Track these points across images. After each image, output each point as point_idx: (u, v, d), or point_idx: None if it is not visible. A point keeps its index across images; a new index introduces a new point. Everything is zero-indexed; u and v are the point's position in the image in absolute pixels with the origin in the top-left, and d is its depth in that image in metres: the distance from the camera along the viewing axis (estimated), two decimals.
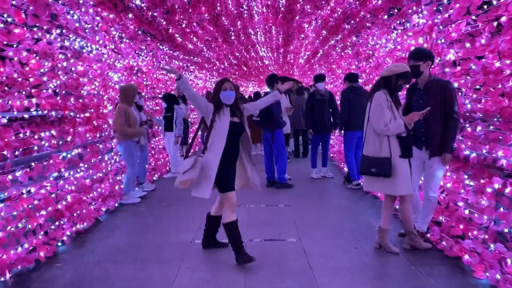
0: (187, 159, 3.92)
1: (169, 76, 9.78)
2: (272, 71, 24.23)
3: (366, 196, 6.46)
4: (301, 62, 15.30)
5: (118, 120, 5.86)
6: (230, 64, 16.17)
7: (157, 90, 8.82)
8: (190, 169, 3.79)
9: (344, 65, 8.84)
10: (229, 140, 3.80)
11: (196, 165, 3.80)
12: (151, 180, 7.87)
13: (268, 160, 7.31)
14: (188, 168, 3.80)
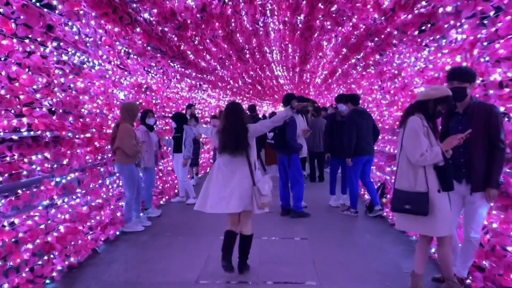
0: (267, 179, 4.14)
1: (180, 94, 9.37)
2: (287, 90, 23.85)
3: (391, 229, 5.84)
4: (318, 82, 14.84)
5: (130, 142, 5.37)
6: (245, 83, 15.80)
7: (167, 109, 8.40)
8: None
9: (365, 85, 8.32)
10: None
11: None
12: (157, 205, 7.37)
13: (283, 186, 6.75)
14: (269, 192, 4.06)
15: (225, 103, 15.89)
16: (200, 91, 11.18)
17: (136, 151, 5.44)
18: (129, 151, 5.38)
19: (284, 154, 6.49)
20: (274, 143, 6.47)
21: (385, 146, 7.35)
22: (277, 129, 6.22)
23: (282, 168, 6.71)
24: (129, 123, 5.43)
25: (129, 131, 5.37)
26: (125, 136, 5.33)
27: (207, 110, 12.59)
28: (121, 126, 5.34)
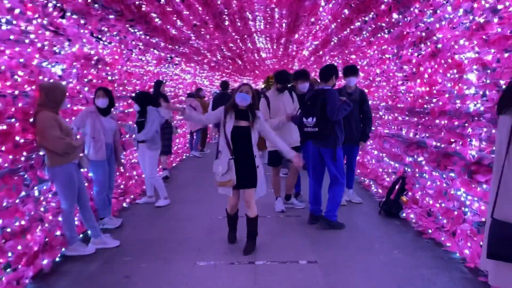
0: (219, 161, 4.21)
1: (146, 69, 7.69)
2: (268, 65, 22.20)
3: (421, 240, 4.50)
4: (305, 54, 13.28)
5: (53, 133, 3.82)
6: (223, 56, 14.11)
7: (129, 88, 6.76)
8: (228, 171, 4.05)
9: (373, 54, 6.83)
10: (236, 144, 4.08)
11: (231, 167, 4.05)
12: (119, 209, 5.83)
13: (315, 185, 5.22)
14: (225, 171, 4.06)
15: (202, 79, 14.19)
16: (171, 66, 9.50)
17: (66, 145, 3.89)
18: (54, 146, 3.83)
19: (328, 145, 4.85)
20: (319, 129, 4.72)
21: (400, 129, 5.95)
22: (315, 110, 4.70)
23: (313, 162, 5.16)
24: (50, 110, 3.85)
25: (50, 120, 3.79)
26: (46, 127, 3.76)
27: (181, 88, 10.92)
28: (39, 116, 3.75)
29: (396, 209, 5.34)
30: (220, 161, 4.14)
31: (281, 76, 5.43)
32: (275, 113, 5.36)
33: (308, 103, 4.81)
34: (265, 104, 5.34)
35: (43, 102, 3.85)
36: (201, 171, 8.83)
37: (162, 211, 5.89)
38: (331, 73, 4.94)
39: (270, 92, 5.48)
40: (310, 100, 4.81)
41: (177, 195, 6.68)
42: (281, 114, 5.35)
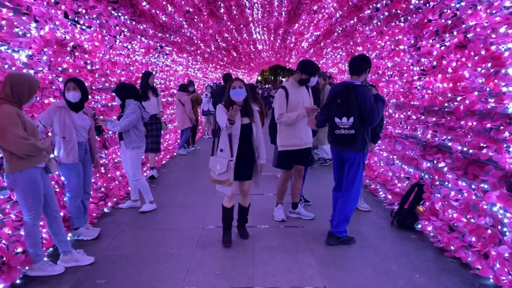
0: (218, 159, 4.09)
1: (132, 58, 6.99)
2: (264, 58, 21.51)
3: (443, 257, 3.91)
4: (304, 46, 12.62)
5: (15, 132, 3.16)
6: (218, 47, 13.40)
7: (113, 78, 6.06)
8: (226, 171, 3.97)
9: (384, 46, 6.18)
10: (240, 142, 4.04)
11: (229, 168, 3.97)
12: (98, 215, 5.17)
13: (336, 194, 4.52)
14: (223, 171, 3.98)
15: (195, 71, 13.48)
16: (161, 56, 8.79)
17: (30, 147, 3.23)
18: (16, 147, 3.17)
19: (355, 149, 4.13)
20: (355, 133, 3.96)
21: (414, 129, 5.33)
22: (352, 109, 3.96)
23: (336, 169, 4.45)
24: (12, 104, 3.18)
25: (11, 116, 3.13)
26: (6, 124, 3.10)
27: (172, 80, 10.22)
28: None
29: (411, 220, 4.74)
30: (219, 160, 4.06)
31: (310, 66, 4.70)
32: (293, 108, 4.71)
33: (338, 100, 4.05)
34: (283, 96, 4.69)
35: (6, 95, 3.18)
36: (192, 169, 8.17)
37: (147, 217, 5.24)
38: (364, 66, 4.14)
39: (288, 84, 4.81)
40: (340, 96, 4.04)
41: (164, 198, 6.03)
42: (299, 108, 4.70)
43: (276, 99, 4.70)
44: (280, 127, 4.80)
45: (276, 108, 4.68)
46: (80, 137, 4.34)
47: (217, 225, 4.87)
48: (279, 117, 4.63)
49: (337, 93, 4.09)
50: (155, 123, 7.19)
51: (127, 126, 5.16)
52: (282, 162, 4.90)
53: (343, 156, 4.23)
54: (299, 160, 4.91)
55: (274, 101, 4.77)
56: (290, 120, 4.62)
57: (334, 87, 4.29)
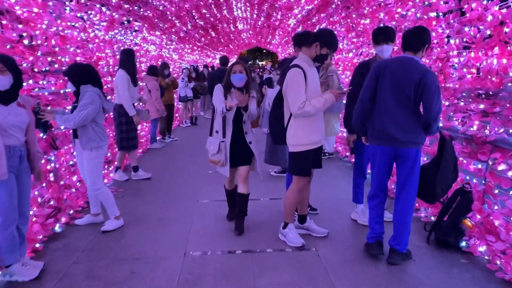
0: (212, 139, 4.07)
1: (91, 33, 5.62)
2: (244, 39, 20.17)
3: None
4: (291, 24, 11.37)
5: None
6: (195, 26, 12.02)
7: (65, 58, 4.73)
8: (218, 152, 3.97)
9: (406, 15, 5.00)
10: (235, 123, 3.98)
11: (221, 150, 3.96)
12: (45, 239, 3.92)
13: (382, 200, 3.56)
14: (215, 152, 3.98)
15: (170, 52, 12.07)
16: (129, 32, 7.41)
17: None
18: None
19: (415, 144, 3.29)
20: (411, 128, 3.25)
21: (447, 119, 4.24)
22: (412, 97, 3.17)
23: (381, 169, 3.46)
24: None
25: None
26: None
27: (144, 62, 8.84)
28: None
29: (456, 238, 3.67)
30: (212, 141, 4.06)
31: (335, 38, 3.56)
32: (312, 93, 3.55)
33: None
34: (301, 78, 3.47)
35: None
36: (169, 167, 6.91)
37: (110, 240, 4.01)
38: (423, 40, 3.22)
39: (302, 62, 3.59)
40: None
41: (135, 210, 4.80)
42: (318, 94, 3.61)
43: (293, 83, 3.47)
44: (295, 121, 3.59)
45: (292, 94, 3.45)
46: (11, 139, 3.07)
47: (204, 250, 3.70)
48: (300, 107, 3.42)
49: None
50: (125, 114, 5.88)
51: (83, 121, 3.89)
52: (301, 167, 3.68)
53: (399, 154, 3.31)
54: (316, 162, 3.76)
55: (286, 86, 3.54)
56: (315, 110, 3.45)
57: (386, 65, 3.24)
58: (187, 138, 9.73)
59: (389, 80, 3.24)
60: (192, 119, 12.07)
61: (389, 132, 3.26)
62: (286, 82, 3.54)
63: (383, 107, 3.30)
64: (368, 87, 3.36)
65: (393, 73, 3.23)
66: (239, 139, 4.01)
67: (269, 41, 18.74)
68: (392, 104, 3.25)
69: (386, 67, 3.28)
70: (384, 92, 3.28)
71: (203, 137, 4.64)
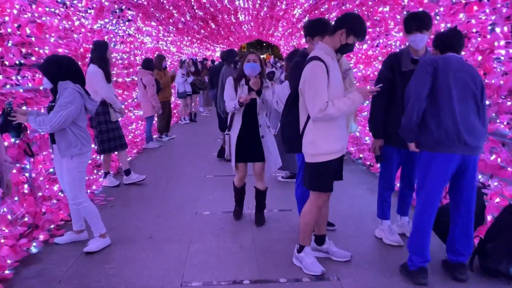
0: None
1: (76, 21, 4.96)
2: (245, 31, 19.46)
3: None
4: (296, 14, 10.69)
5: None
6: (194, 17, 11.34)
7: (44, 50, 4.09)
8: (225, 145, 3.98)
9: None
10: (245, 116, 3.85)
11: (226, 142, 3.95)
12: (17, 264, 3.30)
13: (456, 217, 3.03)
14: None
15: (168, 44, 11.40)
16: (122, 22, 6.75)
17: None
18: None
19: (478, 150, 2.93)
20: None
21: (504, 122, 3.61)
22: None
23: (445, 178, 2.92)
24: None
25: None
26: None
27: (138, 54, 8.18)
28: None
29: (507, 265, 3.06)
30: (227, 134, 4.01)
31: (363, 24, 2.91)
32: (336, 91, 2.92)
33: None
34: (324, 73, 2.83)
35: None
36: (165, 170, 6.27)
37: (94, 263, 3.40)
38: (462, 44, 2.99)
39: (322, 53, 2.91)
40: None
41: (126, 224, 4.20)
42: (341, 92, 2.99)
43: (312, 80, 2.82)
44: (314, 126, 2.95)
45: (311, 94, 2.82)
46: None
47: (205, 280, 3.09)
48: (322, 109, 2.79)
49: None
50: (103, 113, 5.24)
51: (61, 124, 3.27)
52: (321, 181, 3.03)
53: (466, 162, 2.85)
54: (337, 173, 3.14)
55: (304, 83, 2.89)
56: (339, 113, 2.83)
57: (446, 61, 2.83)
58: (185, 137, 9.09)
59: (453, 78, 2.74)
60: (191, 115, 11.43)
61: (462, 136, 2.74)
62: (304, 78, 2.90)
63: (445, 108, 2.76)
64: (425, 83, 2.81)
65: (456, 70, 2.76)
66: (251, 132, 3.88)
67: (271, 33, 18.04)
68: (460, 105, 2.75)
69: (446, 63, 2.79)
70: (446, 91, 2.76)
71: (203, 135, 4.25)
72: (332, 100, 2.83)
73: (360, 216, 4.35)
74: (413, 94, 2.84)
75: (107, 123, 5.26)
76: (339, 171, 3.14)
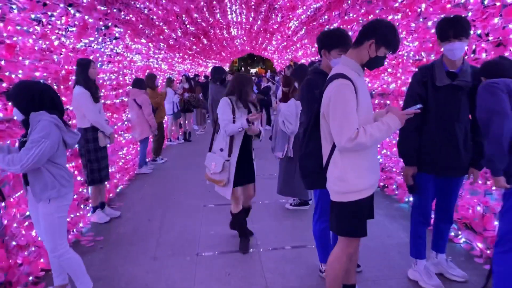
0: (214, 156, 3.77)
1: (53, 40, 4.41)
2: (237, 46, 19.06)
3: None
4: (292, 27, 10.24)
5: None
6: (185, 32, 10.87)
7: (18, 74, 3.54)
8: (222, 172, 3.68)
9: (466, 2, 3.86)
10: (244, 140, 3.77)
11: (225, 169, 3.68)
12: None
13: None
14: (218, 171, 3.69)
15: (159, 62, 10.90)
16: (108, 40, 6.23)
17: None
18: None
19: None
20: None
21: None
22: None
23: None
24: None
25: None
26: None
27: (128, 73, 7.66)
28: None
29: None
30: (215, 158, 3.75)
31: (394, 33, 2.38)
32: (366, 114, 2.43)
33: None
34: (353, 94, 2.32)
35: None
36: (161, 199, 5.68)
37: None
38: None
39: (347, 69, 2.41)
40: None
41: (116, 273, 3.61)
42: (371, 117, 2.49)
43: (339, 103, 2.30)
44: (342, 158, 2.41)
45: (338, 119, 2.29)
46: None
47: None
48: (352, 138, 2.27)
49: None
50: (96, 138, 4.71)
51: (34, 163, 2.72)
52: (353, 225, 2.48)
53: None
54: (371, 210, 2.60)
55: (328, 106, 2.36)
56: (372, 142, 2.30)
57: None
58: (180, 159, 8.52)
59: None
60: (185, 134, 10.87)
61: None
62: (327, 100, 2.38)
63: None
64: (503, 98, 2.35)
65: None
66: (245, 156, 3.81)
67: (265, 47, 17.63)
68: None
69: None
70: None
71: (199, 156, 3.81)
72: (362, 125, 2.32)
73: (384, 251, 3.82)
74: (496, 110, 2.32)
75: (97, 151, 4.73)
76: (371, 208, 2.61)
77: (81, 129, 4.58)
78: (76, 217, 4.64)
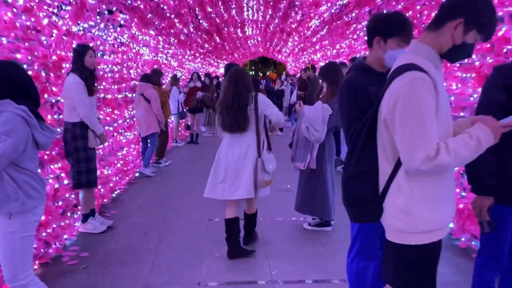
0: (269, 157, 3.59)
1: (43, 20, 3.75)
2: (250, 47, 18.42)
3: None
4: (312, 26, 9.55)
5: None
6: (198, 28, 10.22)
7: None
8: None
9: None
10: None
11: (259, 168, 3.53)
12: None
13: None
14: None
15: (168, 58, 10.25)
16: (112, 27, 5.57)
17: None
18: None
19: None
20: None
21: None
22: None
23: None
24: None
25: None
26: None
27: (133, 67, 7.01)
28: None
29: None
30: (270, 157, 3.59)
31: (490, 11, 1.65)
32: (445, 120, 1.72)
33: None
34: (432, 95, 1.61)
35: None
36: (161, 211, 4.98)
37: None
38: None
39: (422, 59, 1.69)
40: None
41: None
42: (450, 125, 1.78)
43: (411, 105, 1.59)
44: (408, 182, 1.68)
45: (408, 130, 1.58)
46: None
47: None
48: (432, 156, 1.55)
49: None
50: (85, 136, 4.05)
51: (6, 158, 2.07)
52: (420, 278, 1.74)
53: None
54: None
55: (393, 111, 1.64)
56: (457, 162, 1.60)
57: None
58: (185, 162, 7.84)
59: None
60: (192, 136, 10.20)
61: None
62: (394, 101, 1.66)
63: None
64: None
65: None
66: None
67: (279, 50, 16.95)
68: None
69: None
70: None
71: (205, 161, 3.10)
72: (443, 139, 1.62)
73: None
74: None
75: (86, 150, 4.07)
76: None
77: (69, 123, 3.93)
78: (60, 227, 3.96)
